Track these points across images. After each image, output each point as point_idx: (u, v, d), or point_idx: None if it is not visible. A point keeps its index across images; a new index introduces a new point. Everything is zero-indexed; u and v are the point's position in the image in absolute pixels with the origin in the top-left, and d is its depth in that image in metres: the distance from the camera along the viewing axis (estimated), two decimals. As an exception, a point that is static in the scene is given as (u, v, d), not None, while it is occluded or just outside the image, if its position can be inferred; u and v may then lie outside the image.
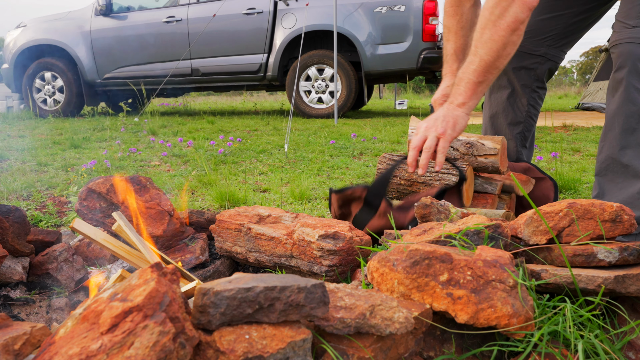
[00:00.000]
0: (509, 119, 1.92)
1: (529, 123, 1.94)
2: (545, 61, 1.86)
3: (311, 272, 1.26)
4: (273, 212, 1.43)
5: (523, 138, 1.95)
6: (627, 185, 1.48)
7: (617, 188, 1.51)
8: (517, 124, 1.93)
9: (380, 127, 5.31)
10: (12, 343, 0.74)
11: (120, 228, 1.07)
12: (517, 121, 1.92)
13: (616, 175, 1.51)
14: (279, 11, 6.22)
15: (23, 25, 6.91)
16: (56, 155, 3.60)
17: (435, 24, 5.95)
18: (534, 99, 1.92)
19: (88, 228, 1.07)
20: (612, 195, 1.51)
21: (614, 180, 1.52)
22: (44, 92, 6.79)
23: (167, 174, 3.00)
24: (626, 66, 1.46)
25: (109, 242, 1.08)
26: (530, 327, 0.81)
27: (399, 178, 2.13)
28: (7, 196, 2.40)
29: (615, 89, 1.50)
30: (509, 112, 1.92)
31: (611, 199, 1.49)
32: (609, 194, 1.52)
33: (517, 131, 1.93)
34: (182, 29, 6.39)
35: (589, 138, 4.54)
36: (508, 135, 1.93)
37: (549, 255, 1.02)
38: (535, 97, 1.92)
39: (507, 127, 1.92)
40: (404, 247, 0.90)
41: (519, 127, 1.93)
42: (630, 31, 1.47)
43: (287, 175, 2.97)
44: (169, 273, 0.73)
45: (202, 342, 0.70)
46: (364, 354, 0.76)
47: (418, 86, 20.31)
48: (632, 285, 0.89)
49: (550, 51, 1.85)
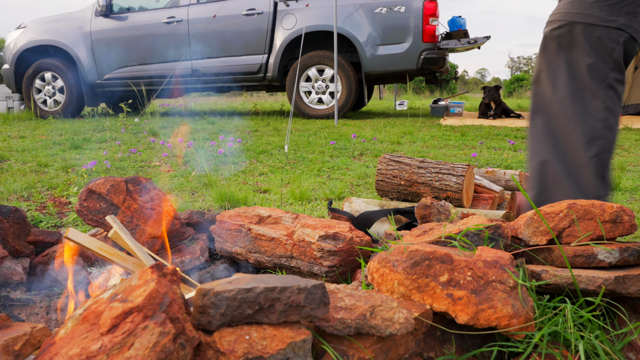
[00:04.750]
0: (578, 133, 1.33)
1: (608, 139, 1.34)
2: (625, 37, 1.32)
3: (311, 273, 1.26)
4: (273, 212, 1.43)
5: (601, 164, 1.33)
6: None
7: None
8: (592, 140, 1.32)
9: (380, 127, 5.31)
10: (12, 344, 0.74)
11: (116, 234, 1.07)
12: (592, 136, 1.32)
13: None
14: (279, 12, 6.23)
15: (23, 26, 6.91)
16: (56, 156, 3.60)
17: (436, 24, 5.95)
18: (611, 100, 1.34)
19: (82, 237, 1.07)
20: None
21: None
22: (44, 92, 6.79)
23: (167, 175, 3.01)
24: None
25: (104, 249, 1.08)
26: (530, 327, 0.81)
27: (399, 179, 2.14)
28: (7, 197, 2.40)
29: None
30: (576, 121, 1.33)
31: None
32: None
33: (593, 152, 1.32)
34: (183, 30, 6.39)
35: (589, 139, 4.53)
36: (581, 160, 1.33)
37: (549, 256, 1.02)
38: (613, 97, 1.35)
39: (579, 146, 1.34)
40: (404, 248, 0.90)
41: (595, 146, 1.32)
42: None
43: (287, 175, 2.97)
44: (169, 274, 0.73)
45: (202, 343, 0.70)
46: (364, 355, 0.76)
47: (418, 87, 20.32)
48: (632, 286, 0.89)
49: (632, 22, 1.31)
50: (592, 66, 1.33)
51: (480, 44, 6.34)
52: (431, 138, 4.62)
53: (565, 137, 1.36)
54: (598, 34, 1.31)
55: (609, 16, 1.30)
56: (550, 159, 1.38)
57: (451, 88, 21.07)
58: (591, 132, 1.33)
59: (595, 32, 1.31)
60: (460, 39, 6.23)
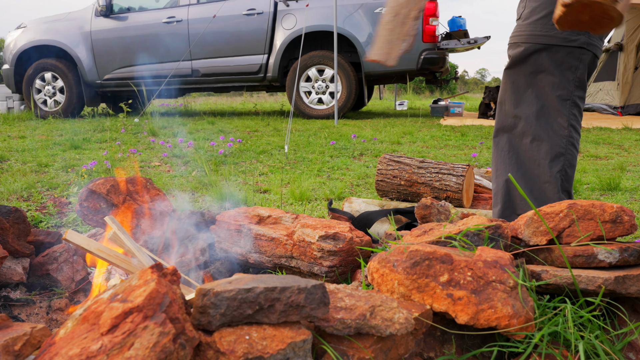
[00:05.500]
0: (543, 150, 1.38)
1: (571, 154, 1.39)
2: (587, 55, 1.37)
3: (311, 273, 1.26)
4: (273, 212, 1.43)
5: (565, 177, 1.39)
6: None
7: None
8: (557, 157, 1.37)
9: (380, 127, 5.31)
10: (12, 344, 0.74)
11: (115, 235, 1.07)
12: (557, 153, 1.37)
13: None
14: (279, 12, 6.23)
15: (23, 26, 6.91)
16: (56, 156, 3.60)
17: (436, 24, 5.95)
18: (574, 117, 1.38)
19: (80, 238, 1.07)
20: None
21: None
22: (44, 92, 6.80)
23: (167, 175, 3.01)
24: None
25: (103, 251, 1.08)
26: (530, 327, 0.81)
27: (399, 179, 2.14)
28: (7, 197, 2.40)
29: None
30: (541, 139, 1.38)
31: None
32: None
33: (557, 168, 1.38)
34: (183, 30, 6.39)
35: (589, 139, 4.54)
36: (544, 176, 1.39)
37: (549, 256, 1.02)
38: (576, 114, 1.39)
39: (543, 162, 1.39)
40: (404, 248, 0.90)
41: (559, 162, 1.38)
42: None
43: (287, 176, 2.97)
44: (169, 274, 0.73)
45: (202, 343, 0.70)
46: (364, 355, 0.76)
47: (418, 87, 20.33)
48: (632, 286, 0.89)
49: (592, 39, 1.36)
50: (556, 85, 1.37)
51: (480, 44, 6.34)
52: (431, 138, 4.62)
53: (528, 154, 1.41)
54: (562, 53, 1.36)
55: (571, 36, 1.34)
56: (514, 176, 1.42)
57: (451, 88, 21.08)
58: (557, 148, 1.38)
59: (559, 52, 1.36)
60: (460, 39, 6.23)
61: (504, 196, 1.46)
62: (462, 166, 2.04)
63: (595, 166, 3.29)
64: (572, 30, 1.33)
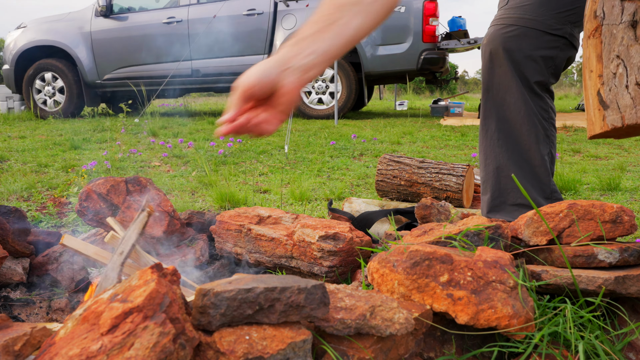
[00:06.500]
0: (532, 134, 1.39)
1: (553, 134, 1.45)
2: (568, 45, 1.39)
3: (311, 273, 1.26)
4: (273, 213, 1.43)
5: (551, 160, 1.44)
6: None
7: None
8: (544, 139, 1.41)
9: (380, 128, 5.31)
10: (12, 344, 0.74)
11: (113, 237, 1.07)
12: (544, 135, 1.41)
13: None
14: (279, 12, 6.23)
15: (23, 26, 6.92)
16: (56, 156, 3.60)
17: (436, 24, 5.95)
18: (550, 101, 1.45)
19: (78, 243, 1.07)
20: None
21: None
22: (44, 93, 6.80)
23: (167, 175, 3.01)
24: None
25: (101, 255, 1.08)
26: (530, 328, 0.81)
27: (399, 179, 2.14)
28: (7, 197, 2.40)
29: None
30: (530, 123, 1.39)
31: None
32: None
33: (546, 151, 1.41)
34: (183, 30, 6.39)
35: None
36: (536, 160, 1.41)
37: (550, 256, 1.02)
38: (550, 99, 1.45)
39: (533, 146, 1.40)
40: (404, 248, 0.90)
41: (547, 144, 1.42)
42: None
43: (287, 176, 2.97)
44: (169, 274, 0.73)
45: (202, 343, 0.70)
46: (364, 355, 0.76)
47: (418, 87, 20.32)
48: (632, 286, 0.89)
49: (573, 31, 1.38)
50: (537, 71, 1.39)
51: (480, 44, 6.34)
52: (431, 138, 4.62)
53: (520, 139, 1.41)
54: (546, 39, 1.36)
55: (557, 24, 1.35)
56: (505, 163, 1.42)
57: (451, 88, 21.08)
58: (543, 131, 1.41)
59: (544, 38, 1.36)
60: (460, 39, 6.23)
61: (493, 185, 1.45)
62: (462, 166, 2.04)
63: (595, 166, 3.29)
64: (561, 24, 1.35)
